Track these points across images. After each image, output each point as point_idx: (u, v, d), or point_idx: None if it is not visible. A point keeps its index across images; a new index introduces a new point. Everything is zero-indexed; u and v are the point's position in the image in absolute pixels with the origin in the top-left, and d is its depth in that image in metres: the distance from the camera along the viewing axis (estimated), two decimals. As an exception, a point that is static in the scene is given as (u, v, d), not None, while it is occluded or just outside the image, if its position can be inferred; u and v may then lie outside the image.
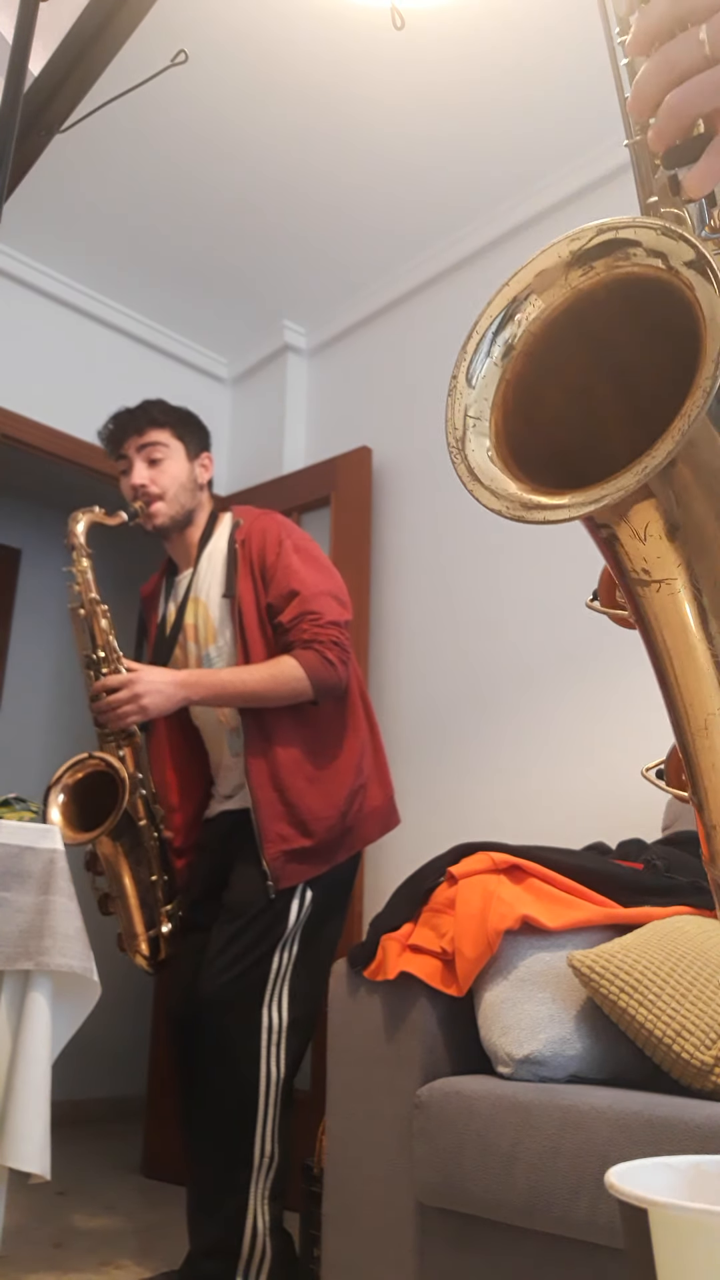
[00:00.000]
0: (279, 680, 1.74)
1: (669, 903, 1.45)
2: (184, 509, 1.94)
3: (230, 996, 1.67)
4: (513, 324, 0.54)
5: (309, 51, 2.31)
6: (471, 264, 2.90)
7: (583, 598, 2.29)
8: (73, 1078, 3.52)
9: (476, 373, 0.54)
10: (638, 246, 0.52)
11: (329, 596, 1.84)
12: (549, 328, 0.53)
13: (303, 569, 1.84)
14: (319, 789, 1.76)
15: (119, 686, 1.73)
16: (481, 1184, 1.14)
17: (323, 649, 1.76)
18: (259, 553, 1.86)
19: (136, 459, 1.92)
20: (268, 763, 1.76)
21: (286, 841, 1.72)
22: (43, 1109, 1.44)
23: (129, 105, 2.45)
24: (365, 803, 1.84)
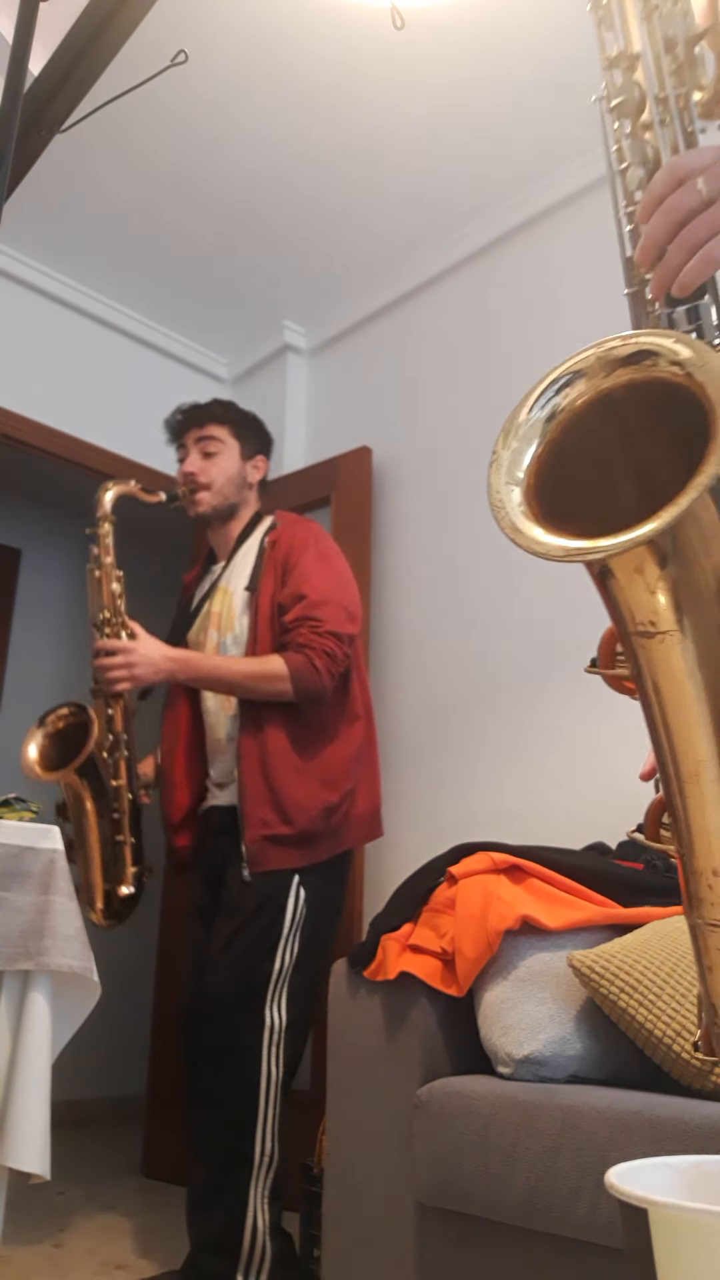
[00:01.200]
0: (261, 676, 1.80)
1: (669, 903, 1.45)
2: (227, 501, 2.04)
3: (233, 995, 1.70)
4: (556, 400, 0.63)
5: (309, 51, 2.31)
6: (471, 264, 2.90)
7: (583, 598, 2.30)
8: (73, 1078, 3.52)
9: (517, 439, 0.62)
10: (659, 356, 0.61)
11: (337, 606, 1.88)
12: (586, 408, 0.62)
13: (317, 575, 1.90)
14: (304, 779, 1.80)
15: (115, 651, 1.85)
16: (481, 1184, 1.14)
17: (313, 655, 1.81)
18: (284, 554, 1.95)
19: (193, 449, 2.05)
20: (258, 749, 1.81)
21: (267, 826, 1.76)
22: (43, 1109, 1.44)
23: (129, 105, 2.45)
24: (352, 807, 1.86)
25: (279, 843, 1.76)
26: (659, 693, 0.59)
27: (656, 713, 0.60)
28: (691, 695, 0.58)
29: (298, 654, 1.81)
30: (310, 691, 1.81)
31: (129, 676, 1.84)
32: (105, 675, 1.85)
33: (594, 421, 0.62)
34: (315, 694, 1.82)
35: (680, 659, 0.57)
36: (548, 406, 0.62)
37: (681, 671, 0.58)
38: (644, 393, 0.60)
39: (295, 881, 1.77)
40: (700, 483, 0.51)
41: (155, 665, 1.84)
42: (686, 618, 0.56)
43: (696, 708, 0.58)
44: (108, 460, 3.11)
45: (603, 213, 2.58)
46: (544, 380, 0.63)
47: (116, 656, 1.84)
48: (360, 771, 1.90)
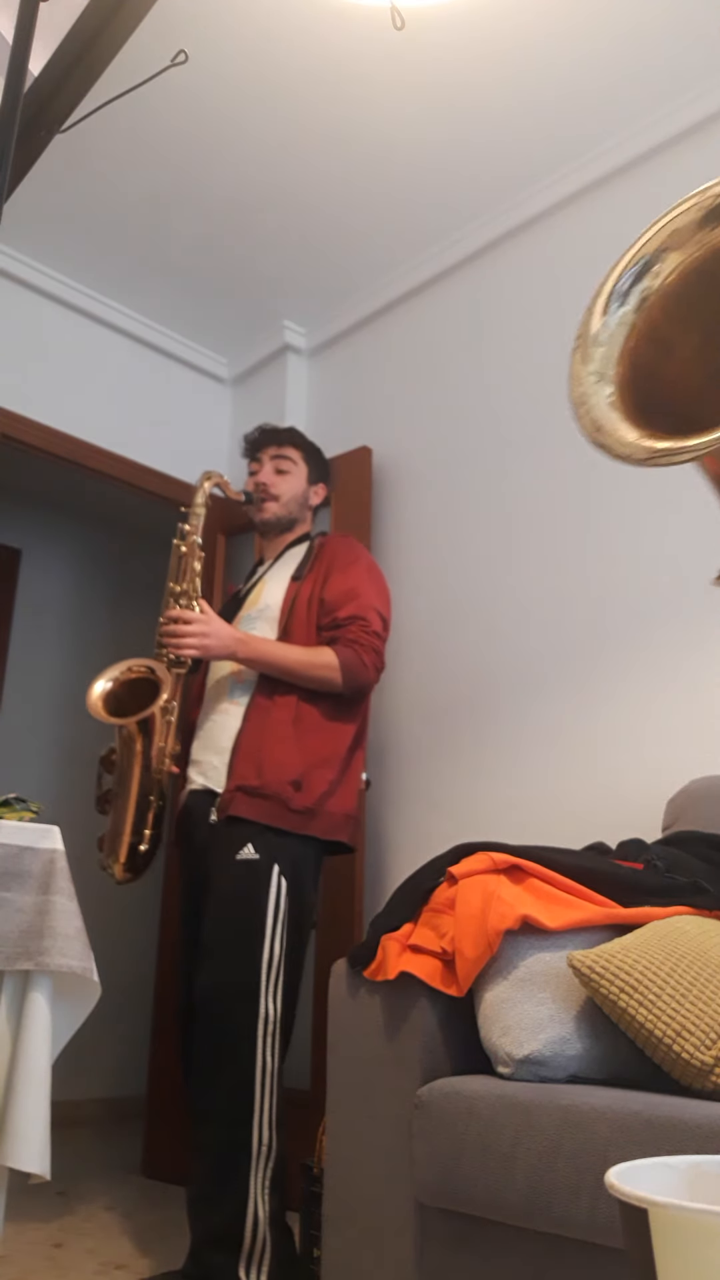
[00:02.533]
0: (314, 664, 1.95)
1: (669, 903, 1.45)
2: (290, 515, 2.24)
3: (229, 987, 1.74)
4: (647, 278, 0.56)
5: (309, 51, 2.31)
6: (471, 264, 2.90)
7: (583, 598, 2.31)
8: (73, 1078, 3.52)
9: (606, 327, 0.55)
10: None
11: (379, 613, 2.07)
12: (682, 281, 0.55)
13: (368, 584, 2.09)
14: (288, 748, 1.91)
15: (192, 620, 1.97)
16: (481, 1184, 1.14)
17: (362, 650, 1.98)
18: (330, 557, 2.13)
19: (268, 463, 2.25)
20: (262, 718, 1.95)
21: (243, 779, 1.89)
22: (43, 1109, 1.44)
23: (129, 105, 2.45)
24: (324, 800, 1.92)
25: (248, 793, 1.87)
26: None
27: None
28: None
29: (348, 648, 1.97)
30: (358, 683, 1.97)
31: (200, 646, 1.94)
32: (178, 640, 1.95)
33: (692, 295, 0.54)
34: (362, 686, 1.99)
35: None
36: (633, 295, 0.55)
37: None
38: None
39: (276, 871, 1.83)
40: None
41: (223, 641, 1.96)
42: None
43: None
44: (108, 460, 3.11)
45: (603, 213, 2.58)
46: (613, 270, 0.56)
47: (193, 625, 1.95)
48: (338, 777, 1.97)
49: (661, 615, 2.20)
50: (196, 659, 2.05)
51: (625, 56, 2.31)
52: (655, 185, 2.48)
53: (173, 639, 1.96)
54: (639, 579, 2.26)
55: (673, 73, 2.35)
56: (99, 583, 4.41)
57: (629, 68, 2.34)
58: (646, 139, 2.49)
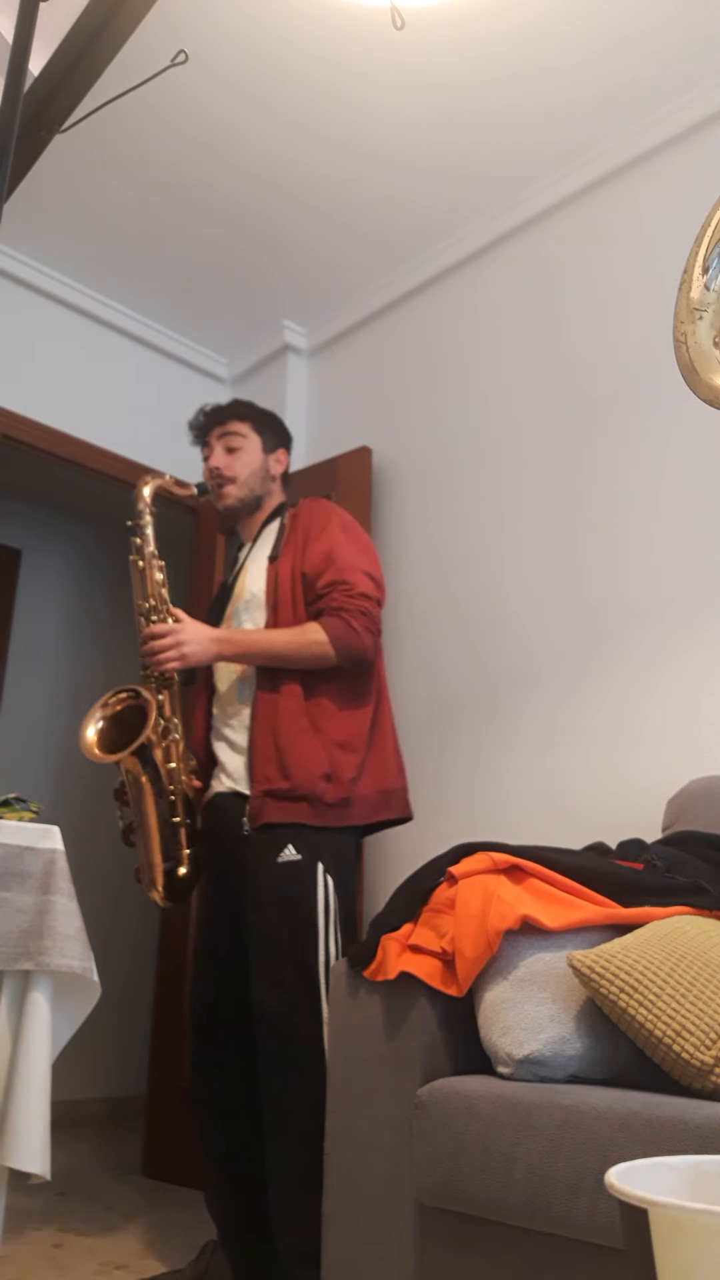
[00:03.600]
0: (302, 643, 1.85)
1: (669, 903, 1.45)
2: (253, 493, 2.12)
3: (289, 997, 1.66)
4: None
5: (309, 51, 2.31)
6: (472, 264, 2.91)
7: (582, 599, 2.30)
8: (73, 1078, 3.52)
9: (715, 272, 0.56)
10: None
11: (363, 573, 1.94)
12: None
13: (344, 544, 1.96)
14: (308, 740, 1.82)
15: (164, 634, 1.87)
16: (481, 1184, 1.14)
17: (349, 616, 1.87)
18: (305, 524, 2.02)
19: (217, 445, 2.13)
20: (272, 710, 1.86)
21: (269, 782, 1.80)
22: (43, 1109, 1.44)
23: (129, 105, 2.45)
24: (356, 786, 1.84)
25: (277, 797, 1.78)
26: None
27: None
28: None
29: (334, 617, 1.87)
30: (353, 652, 1.86)
31: (178, 656, 1.86)
32: (155, 658, 1.87)
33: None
34: (358, 654, 1.87)
35: None
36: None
37: None
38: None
39: (320, 870, 1.75)
40: None
41: (202, 645, 1.88)
42: None
43: None
44: (108, 460, 3.11)
45: (603, 213, 2.58)
46: (700, 244, 0.56)
47: (166, 639, 1.87)
48: (368, 752, 1.88)
49: (661, 614, 2.20)
50: (189, 669, 1.98)
51: (625, 56, 2.31)
52: (655, 185, 2.48)
53: (151, 657, 1.88)
54: (639, 578, 2.26)
55: (673, 73, 2.35)
56: (99, 583, 4.41)
57: (629, 67, 2.34)
58: (647, 139, 2.49)
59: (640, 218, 2.49)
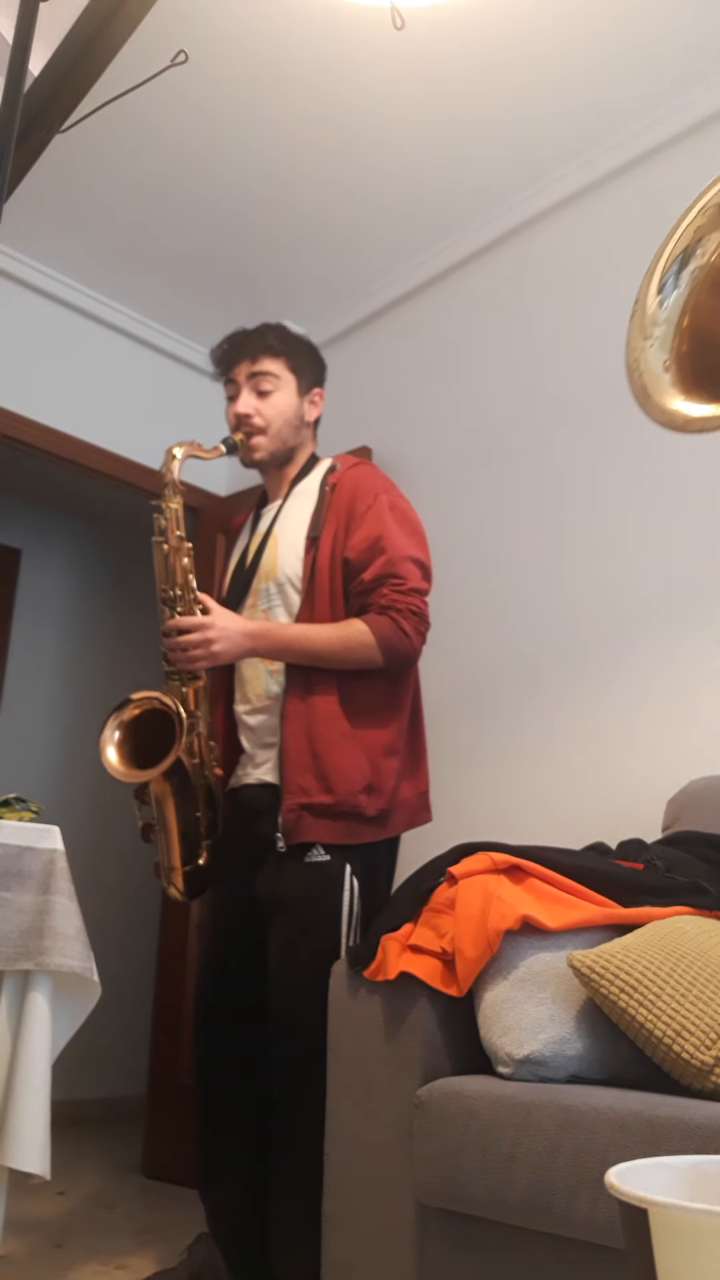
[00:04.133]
0: (347, 644, 1.67)
1: (669, 903, 1.45)
2: (285, 445, 1.87)
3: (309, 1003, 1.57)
4: (694, 259, 0.58)
5: (309, 51, 2.31)
6: (472, 264, 2.90)
7: (583, 598, 2.30)
8: (73, 1078, 3.52)
9: (667, 294, 0.57)
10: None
11: (415, 564, 1.75)
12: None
13: (395, 528, 1.76)
14: (349, 747, 1.66)
15: (193, 629, 1.67)
16: (481, 1184, 1.14)
17: (399, 617, 1.69)
18: (349, 500, 1.78)
19: (245, 386, 1.85)
20: (306, 712, 1.68)
21: (306, 794, 1.64)
22: (43, 1109, 1.44)
23: (129, 105, 2.44)
24: (399, 789, 1.72)
25: (317, 813, 1.63)
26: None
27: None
28: None
29: (383, 616, 1.68)
30: (401, 655, 1.69)
31: (208, 655, 1.67)
32: (183, 654, 1.67)
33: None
34: (407, 658, 1.71)
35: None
36: (683, 279, 0.57)
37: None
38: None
39: (348, 872, 1.64)
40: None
41: (235, 642, 1.67)
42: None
43: None
44: (108, 460, 3.11)
45: (602, 213, 2.58)
46: (656, 262, 0.58)
47: (194, 635, 1.66)
48: (404, 762, 1.76)
49: (662, 613, 2.20)
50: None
51: (626, 56, 2.31)
52: (655, 186, 2.48)
53: (178, 653, 1.68)
54: (640, 577, 2.26)
55: (673, 73, 2.35)
56: (99, 582, 4.41)
57: (630, 67, 2.34)
58: (647, 139, 2.49)
59: (640, 218, 2.49)
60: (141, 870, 3.69)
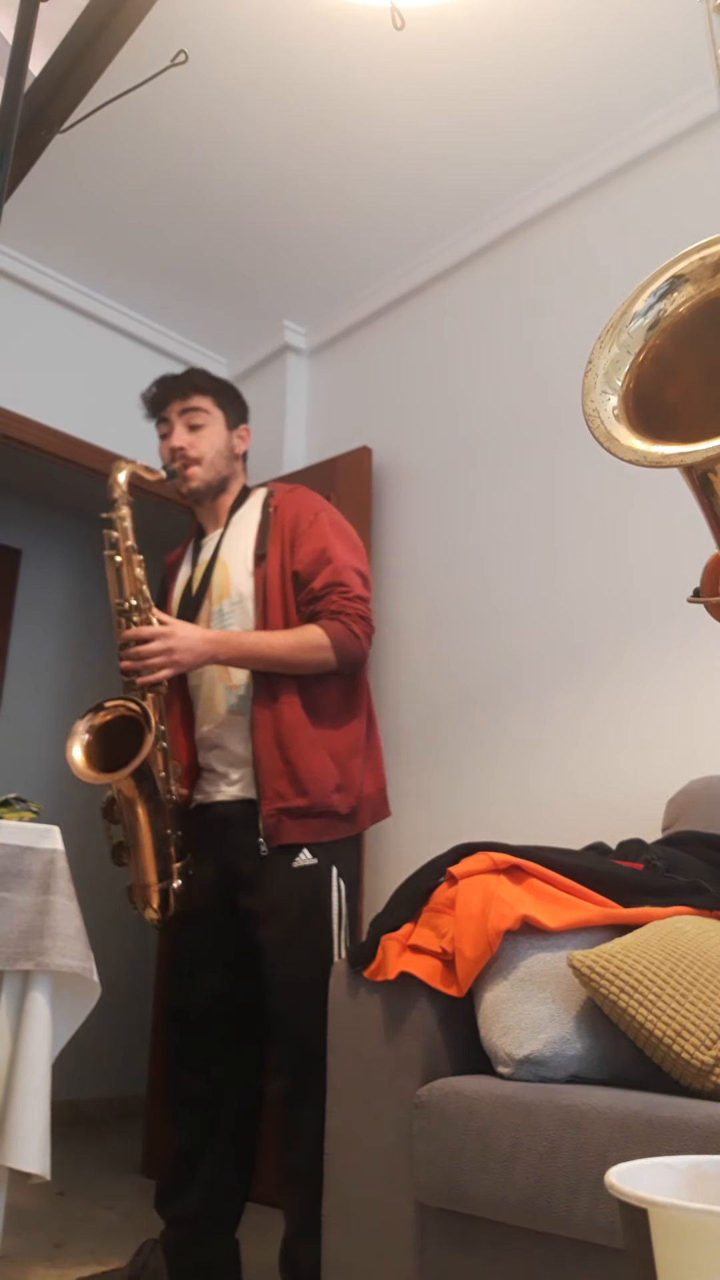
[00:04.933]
0: (304, 648, 1.76)
1: (669, 903, 1.45)
2: (219, 475, 1.98)
3: (308, 1003, 1.62)
4: (665, 300, 0.61)
5: (309, 51, 2.31)
6: (472, 264, 2.91)
7: (583, 598, 2.30)
8: (73, 1078, 3.52)
9: (617, 345, 0.61)
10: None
11: (357, 574, 1.87)
12: (691, 313, 0.60)
13: (336, 541, 1.87)
14: (317, 751, 1.75)
15: (151, 638, 1.72)
16: (481, 1184, 1.14)
17: (349, 621, 1.79)
18: (292, 519, 1.89)
19: (177, 422, 1.97)
20: (273, 721, 1.76)
21: (282, 799, 1.72)
22: (43, 1109, 1.44)
23: (129, 105, 2.45)
24: (364, 785, 1.82)
25: (294, 815, 1.72)
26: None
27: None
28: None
29: (334, 621, 1.79)
30: (352, 657, 1.80)
31: (170, 663, 1.72)
32: (144, 664, 1.72)
33: (700, 328, 0.59)
34: (357, 659, 1.81)
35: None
36: (651, 313, 0.60)
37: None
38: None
39: (335, 874, 1.72)
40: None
41: (195, 649, 1.74)
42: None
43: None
44: (108, 460, 3.11)
45: (601, 214, 2.58)
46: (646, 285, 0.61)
47: (154, 644, 1.71)
48: (364, 760, 1.84)
49: (662, 614, 2.20)
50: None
51: (626, 57, 2.31)
52: (655, 186, 2.48)
53: (137, 664, 1.72)
54: (640, 578, 2.26)
55: (673, 74, 2.35)
56: (99, 582, 4.41)
57: (629, 68, 2.34)
58: (646, 140, 2.49)
59: (639, 218, 2.49)
60: (141, 870, 3.70)
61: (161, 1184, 1.78)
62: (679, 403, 0.60)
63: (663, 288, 0.61)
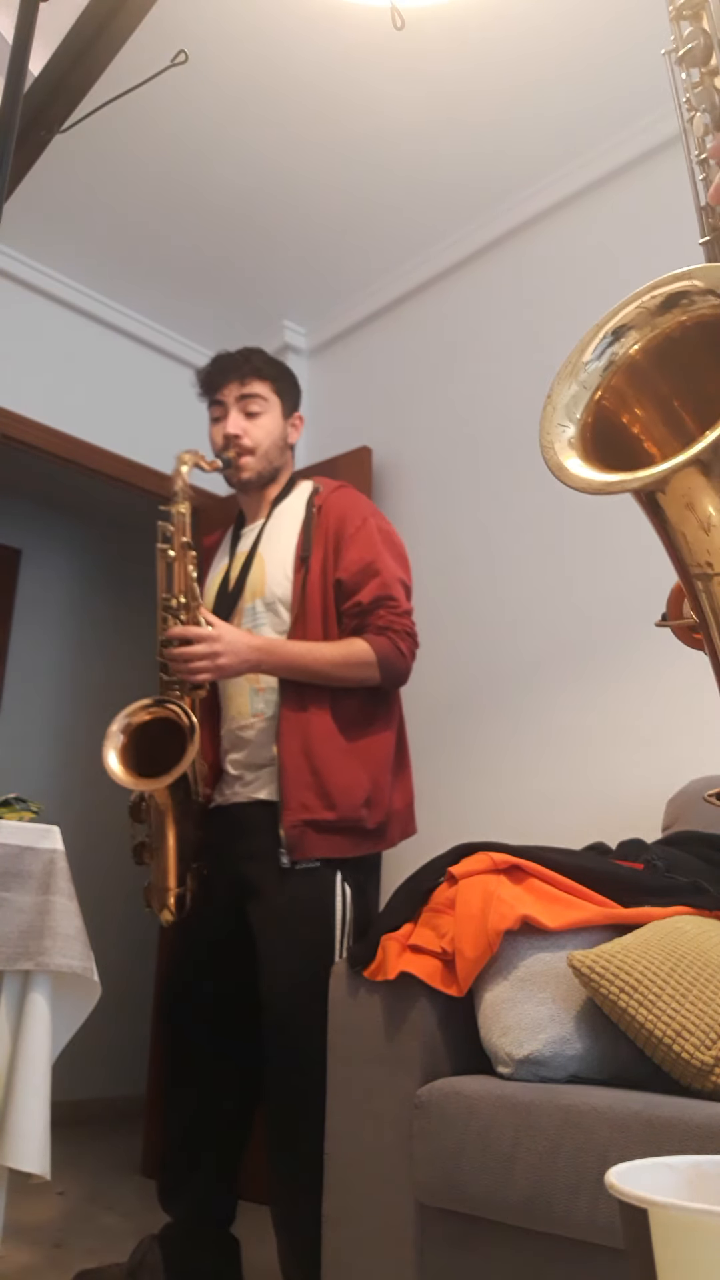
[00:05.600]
0: (350, 663, 1.70)
1: (669, 903, 1.45)
2: (272, 466, 1.90)
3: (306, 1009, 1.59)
4: (617, 345, 0.65)
5: (309, 51, 2.31)
6: (472, 264, 2.91)
7: (583, 598, 2.30)
8: (73, 1078, 3.52)
9: (576, 382, 0.64)
10: (690, 295, 0.63)
11: (404, 587, 1.81)
12: (641, 355, 0.64)
13: (385, 552, 1.81)
14: (349, 763, 1.69)
15: (198, 639, 1.67)
16: (481, 1184, 1.14)
17: (396, 638, 1.74)
18: (337, 523, 1.82)
19: (234, 408, 1.88)
20: (301, 728, 1.70)
21: (309, 811, 1.66)
22: (43, 1109, 1.44)
23: (129, 105, 2.44)
24: (392, 800, 1.76)
25: (321, 829, 1.65)
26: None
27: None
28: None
29: (380, 637, 1.73)
30: (397, 675, 1.75)
31: (213, 668, 1.66)
32: (186, 666, 1.66)
33: (651, 366, 0.62)
34: (401, 677, 1.76)
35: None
36: (605, 355, 0.63)
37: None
38: (696, 333, 0.61)
39: (339, 879, 1.67)
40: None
41: (241, 655, 1.67)
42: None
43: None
44: (108, 460, 3.11)
45: (602, 214, 2.58)
46: (597, 330, 0.65)
47: (200, 646, 1.65)
48: (394, 776, 1.80)
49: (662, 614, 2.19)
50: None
51: (626, 56, 2.31)
52: (656, 186, 2.48)
53: (180, 664, 1.67)
54: (641, 578, 2.26)
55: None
56: (99, 583, 4.41)
57: (630, 67, 2.34)
58: (647, 139, 2.49)
59: (640, 217, 2.49)
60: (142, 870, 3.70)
61: (161, 1182, 1.78)
62: (636, 436, 0.63)
63: (607, 340, 0.64)
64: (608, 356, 0.63)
